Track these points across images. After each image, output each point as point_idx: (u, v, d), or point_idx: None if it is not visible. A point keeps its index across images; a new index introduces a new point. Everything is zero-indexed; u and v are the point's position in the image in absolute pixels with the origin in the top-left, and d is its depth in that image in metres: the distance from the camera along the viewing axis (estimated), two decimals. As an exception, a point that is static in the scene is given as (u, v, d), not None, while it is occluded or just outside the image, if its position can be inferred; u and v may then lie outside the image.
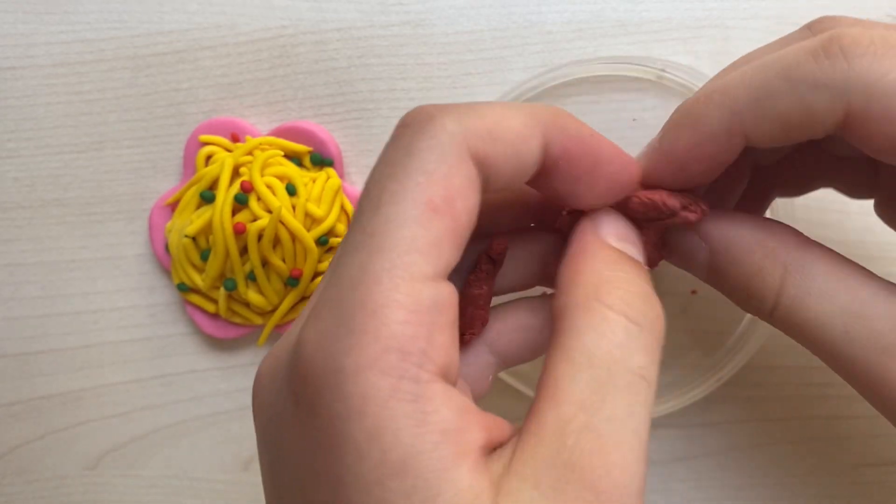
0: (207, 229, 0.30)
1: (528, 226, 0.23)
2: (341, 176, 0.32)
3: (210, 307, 0.32)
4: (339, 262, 0.17)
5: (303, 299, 0.31)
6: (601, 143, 0.20)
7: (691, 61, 0.30)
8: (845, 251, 0.21)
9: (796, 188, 0.25)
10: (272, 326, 0.31)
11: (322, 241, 0.30)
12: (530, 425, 0.16)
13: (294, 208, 0.30)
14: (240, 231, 0.29)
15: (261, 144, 0.31)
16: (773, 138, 0.19)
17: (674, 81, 0.30)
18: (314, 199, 0.30)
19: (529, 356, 0.23)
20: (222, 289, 0.31)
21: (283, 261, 0.30)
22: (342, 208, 0.31)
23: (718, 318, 0.30)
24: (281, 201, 0.29)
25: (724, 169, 0.20)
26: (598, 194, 0.20)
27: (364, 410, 0.15)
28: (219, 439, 0.33)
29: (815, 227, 0.30)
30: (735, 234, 0.21)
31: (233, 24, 0.32)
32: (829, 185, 0.25)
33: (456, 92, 0.31)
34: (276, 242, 0.30)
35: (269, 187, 0.30)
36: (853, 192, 0.24)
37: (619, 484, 0.16)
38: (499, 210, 0.23)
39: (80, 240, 0.33)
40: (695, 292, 0.31)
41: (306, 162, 0.32)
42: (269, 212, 0.29)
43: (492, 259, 0.21)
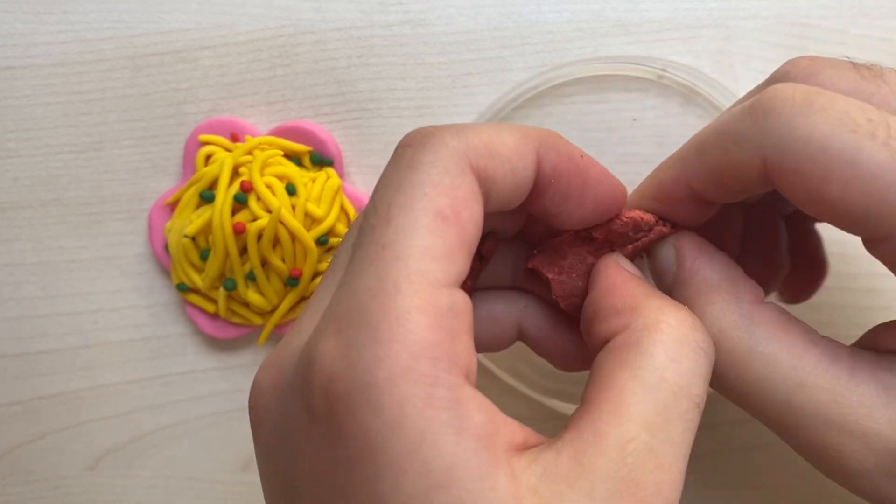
0: (207, 229, 0.30)
1: (513, 232, 0.23)
2: (341, 176, 0.32)
3: (210, 307, 0.32)
4: (353, 274, 0.17)
5: (302, 299, 0.31)
6: (590, 164, 0.20)
7: (692, 61, 0.30)
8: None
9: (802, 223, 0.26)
10: (272, 326, 0.31)
11: (322, 241, 0.30)
12: (585, 435, 0.16)
13: (294, 208, 0.30)
14: (239, 231, 0.29)
15: (260, 144, 0.31)
16: (714, 190, 0.20)
17: (674, 81, 0.30)
18: (314, 199, 0.30)
19: (494, 346, 0.23)
20: (222, 289, 0.31)
21: (283, 261, 0.30)
22: (342, 208, 0.31)
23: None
24: (280, 201, 0.29)
25: (708, 214, 0.21)
26: (587, 213, 0.21)
27: (401, 422, 0.15)
28: (218, 439, 0.33)
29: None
30: (700, 267, 0.21)
31: (232, 24, 0.32)
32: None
33: (456, 92, 0.31)
34: (276, 242, 0.30)
35: (268, 187, 0.30)
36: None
37: (668, 500, 0.16)
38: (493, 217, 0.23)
39: (79, 240, 0.33)
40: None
41: (306, 162, 0.32)
42: (269, 212, 0.29)
43: (481, 256, 0.22)
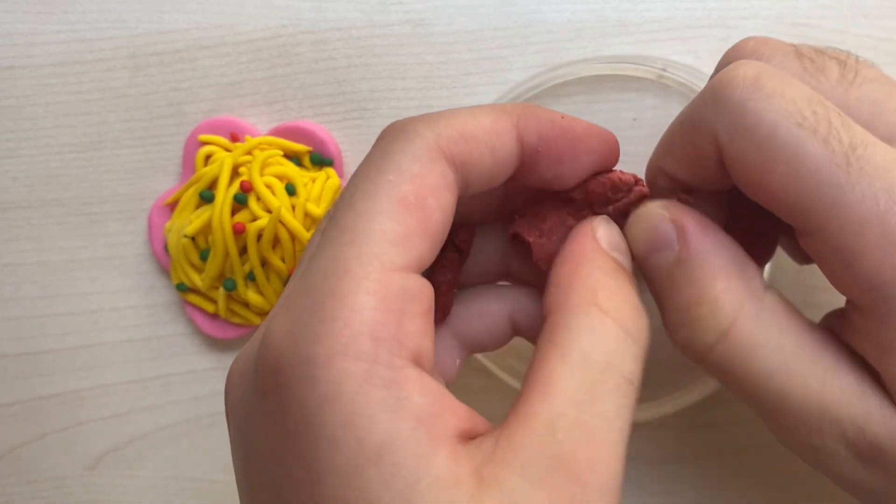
0: (207, 229, 0.30)
1: (493, 219, 0.23)
2: (341, 176, 0.32)
3: (209, 307, 0.32)
4: (311, 258, 0.17)
5: (302, 299, 0.31)
6: (573, 122, 0.21)
7: (692, 61, 0.30)
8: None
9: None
10: (272, 326, 0.31)
11: (322, 241, 0.30)
12: (518, 416, 0.17)
13: (294, 208, 0.30)
14: (239, 231, 0.29)
15: (260, 144, 0.31)
16: (684, 175, 0.21)
17: (674, 81, 0.30)
18: (314, 199, 0.30)
19: (489, 344, 0.23)
20: (221, 289, 0.31)
21: (283, 261, 0.30)
22: (342, 208, 0.31)
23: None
24: (280, 201, 0.29)
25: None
26: (584, 170, 0.21)
27: (337, 398, 0.15)
28: (218, 440, 0.33)
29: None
30: (708, 249, 0.20)
31: (232, 24, 0.32)
32: None
33: (456, 92, 0.31)
34: (276, 242, 0.30)
35: (268, 187, 0.30)
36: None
37: (603, 478, 0.16)
38: (470, 204, 0.23)
39: (79, 240, 0.33)
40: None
41: (306, 162, 0.32)
42: (269, 212, 0.29)
43: (457, 248, 0.22)
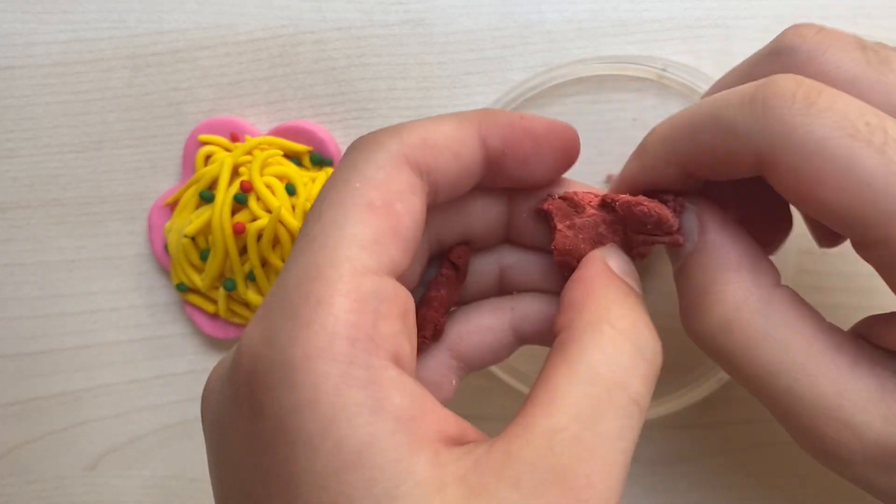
0: (207, 229, 0.30)
1: (495, 239, 0.23)
2: (341, 176, 0.32)
3: (209, 307, 0.32)
4: (283, 268, 0.18)
5: (302, 299, 0.31)
6: (534, 121, 0.21)
7: (692, 61, 0.30)
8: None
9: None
10: (272, 326, 0.31)
11: (322, 241, 0.30)
12: (517, 428, 0.16)
13: (293, 208, 0.30)
14: (239, 231, 0.29)
15: (260, 144, 0.31)
16: (704, 171, 0.20)
17: (674, 81, 0.30)
18: (314, 199, 0.30)
19: (491, 358, 0.23)
20: (221, 289, 0.31)
21: (283, 261, 0.30)
22: (342, 208, 0.31)
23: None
24: (280, 201, 0.29)
25: (698, 187, 0.21)
26: (551, 167, 0.21)
27: (315, 400, 0.15)
28: (218, 439, 0.33)
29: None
30: (723, 242, 0.20)
31: (232, 24, 0.32)
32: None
33: (456, 92, 0.31)
34: (276, 242, 0.30)
35: (268, 187, 0.30)
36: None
37: (601, 495, 0.16)
38: (471, 224, 0.23)
39: (79, 240, 0.33)
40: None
41: (306, 161, 0.32)
42: (269, 212, 0.29)
43: (453, 265, 0.22)
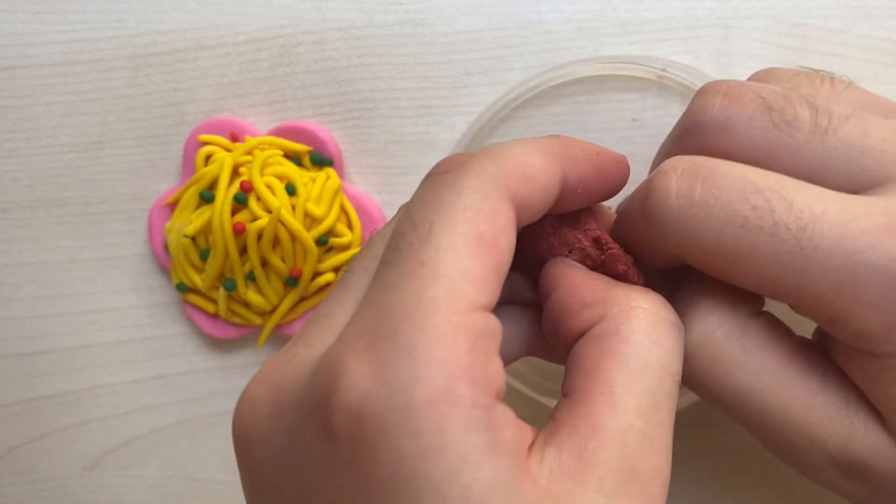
0: (207, 229, 0.30)
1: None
2: (341, 176, 0.32)
3: (209, 307, 0.32)
4: (383, 290, 0.16)
5: (302, 299, 0.31)
6: (606, 157, 0.21)
7: (692, 61, 0.30)
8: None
9: None
10: (272, 327, 0.31)
11: (322, 241, 0.30)
12: (584, 430, 0.17)
13: (294, 208, 0.30)
14: (239, 231, 0.29)
15: (260, 144, 0.31)
16: (651, 262, 0.22)
17: (674, 81, 0.30)
18: (314, 199, 0.30)
19: (510, 357, 0.23)
20: (222, 289, 0.31)
21: (283, 261, 0.30)
22: (342, 208, 0.31)
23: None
24: (280, 201, 0.29)
25: None
26: (601, 198, 0.22)
27: (443, 447, 0.15)
28: (218, 440, 0.33)
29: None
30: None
31: (232, 24, 0.32)
32: None
33: (456, 92, 0.31)
34: (276, 242, 0.30)
35: (268, 187, 0.30)
36: None
37: (664, 482, 0.17)
38: None
39: (79, 240, 0.33)
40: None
41: (306, 162, 0.32)
42: (269, 212, 0.29)
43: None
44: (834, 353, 0.20)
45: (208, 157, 0.31)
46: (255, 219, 0.29)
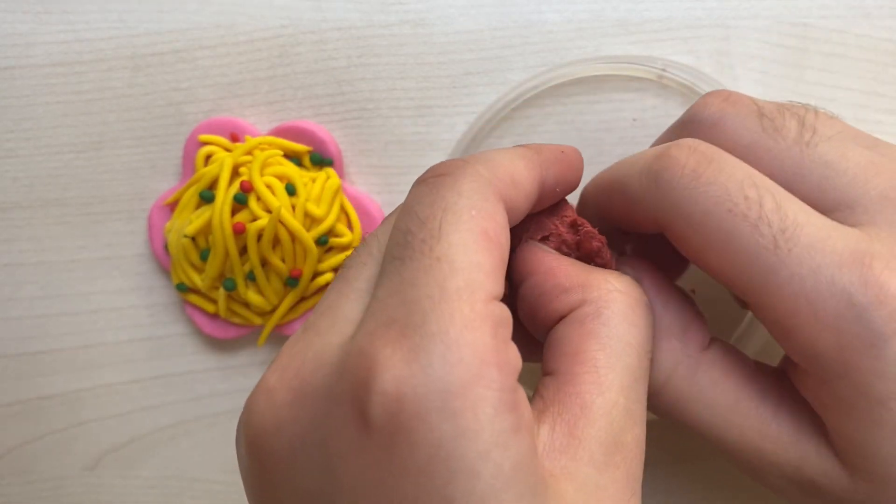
0: (207, 229, 0.30)
1: None
2: (341, 176, 0.32)
3: (209, 307, 0.32)
4: (402, 283, 0.17)
5: (302, 299, 0.31)
6: (570, 153, 0.23)
7: (692, 61, 0.30)
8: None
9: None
10: (272, 327, 0.31)
11: (322, 241, 0.30)
12: (573, 409, 0.18)
13: (294, 208, 0.30)
14: (239, 231, 0.29)
15: (260, 144, 0.31)
16: (624, 225, 0.23)
17: (674, 81, 0.30)
18: (314, 199, 0.30)
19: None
20: (222, 289, 0.31)
21: (283, 261, 0.30)
22: (342, 208, 0.31)
23: (718, 318, 0.30)
24: (280, 201, 0.29)
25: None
26: (572, 189, 0.23)
27: (477, 428, 0.15)
28: (218, 440, 0.33)
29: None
30: (656, 308, 0.22)
31: (232, 24, 0.32)
32: None
33: (456, 92, 0.31)
34: (276, 242, 0.30)
35: (268, 187, 0.30)
36: None
37: (642, 449, 0.19)
38: None
39: (79, 240, 0.33)
40: (694, 291, 0.30)
41: (306, 162, 0.32)
42: (269, 212, 0.29)
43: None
44: (793, 377, 0.21)
45: (208, 157, 0.31)
46: (255, 219, 0.29)
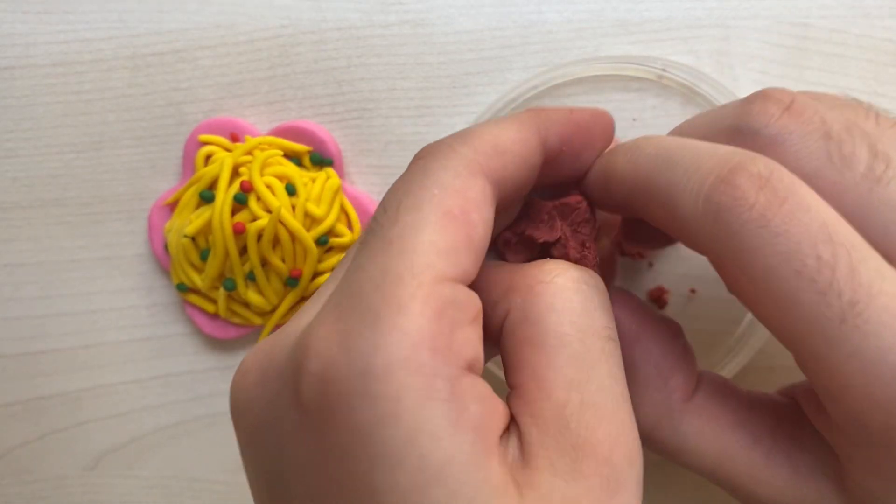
0: (207, 229, 0.30)
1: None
2: (341, 176, 0.32)
3: (209, 307, 0.32)
4: (356, 267, 0.17)
5: (302, 299, 0.31)
6: (582, 113, 0.21)
7: (692, 61, 0.30)
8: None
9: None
10: (272, 327, 0.31)
11: (322, 241, 0.30)
12: (525, 419, 0.17)
13: (294, 208, 0.30)
14: (239, 231, 0.29)
15: (260, 144, 0.31)
16: (655, 222, 0.20)
17: (674, 81, 0.30)
18: (314, 199, 0.30)
19: None
20: (222, 289, 0.31)
21: (283, 261, 0.30)
22: (342, 208, 0.31)
23: (718, 318, 0.30)
24: (280, 201, 0.29)
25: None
26: (595, 156, 0.22)
27: (398, 415, 0.15)
28: (218, 440, 0.33)
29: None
30: (636, 357, 0.21)
31: (232, 24, 0.32)
32: None
33: (456, 92, 0.31)
34: (276, 242, 0.30)
35: (268, 187, 0.30)
36: None
37: (626, 449, 0.16)
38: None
39: (79, 240, 0.33)
40: (694, 292, 0.31)
41: (306, 162, 0.32)
42: (269, 212, 0.29)
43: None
44: (812, 415, 0.20)
45: (208, 157, 0.31)
46: (255, 219, 0.29)
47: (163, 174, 0.33)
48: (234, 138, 0.32)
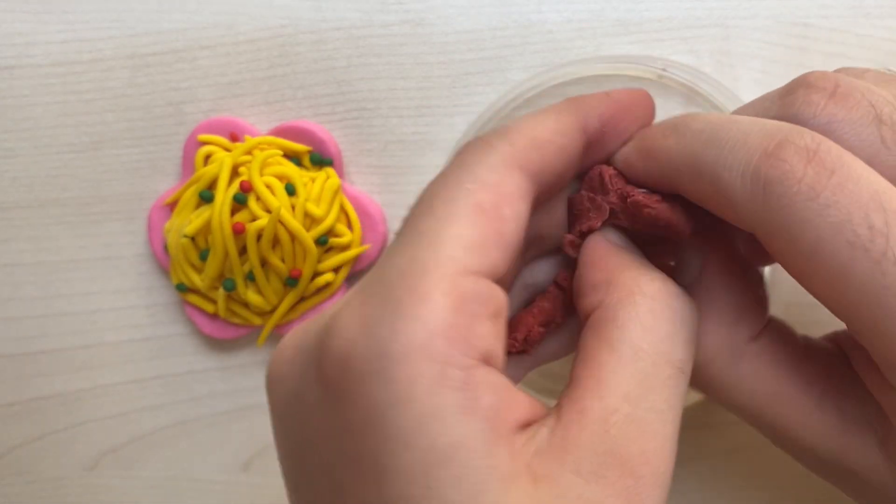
0: (206, 229, 0.30)
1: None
2: (341, 175, 0.32)
3: (209, 307, 0.32)
4: (388, 255, 0.18)
5: (302, 299, 0.31)
6: (620, 94, 0.21)
7: (692, 60, 0.30)
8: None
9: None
10: (271, 327, 0.31)
11: (321, 241, 0.30)
12: (570, 413, 0.17)
13: (293, 208, 0.30)
14: (239, 231, 0.29)
15: (260, 144, 0.31)
16: (699, 200, 0.19)
17: (674, 81, 0.30)
18: (313, 199, 0.30)
19: (563, 352, 0.23)
20: (221, 289, 0.31)
21: (283, 261, 0.30)
22: (342, 208, 0.31)
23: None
24: (280, 201, 0.29)
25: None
26: (637, 129, 0.21)
27: (410, 398, 0.15)
28: (218, 440, 0.33)
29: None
30: (714, 287, 0.21)
31: (232, 24, 0.32)
32: None
33: (456, 92, 0.31)
34: (276, 242, 0.30)
35: (268, 187, 0.30)
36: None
37: (657, 469, 0.16)
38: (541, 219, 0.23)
39: (78, 240, 0.33)
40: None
41: (306, 162, 0.32)
42: (269, 212, 0.29)
43: (559, 286, 0.22)
44: (861, 372, 0.20)
45: (208, 157, 0.31)
46: (254, 219, 0.29)
47: (162, 174, 0.33)
48: (234, 138, 0.32)
